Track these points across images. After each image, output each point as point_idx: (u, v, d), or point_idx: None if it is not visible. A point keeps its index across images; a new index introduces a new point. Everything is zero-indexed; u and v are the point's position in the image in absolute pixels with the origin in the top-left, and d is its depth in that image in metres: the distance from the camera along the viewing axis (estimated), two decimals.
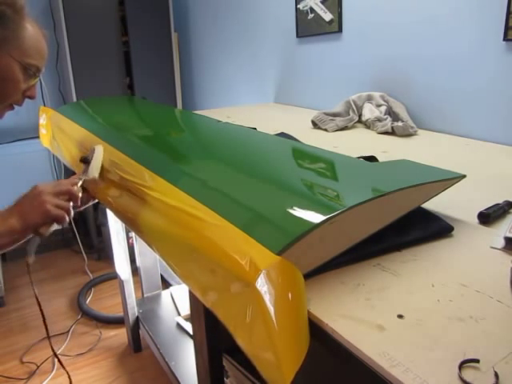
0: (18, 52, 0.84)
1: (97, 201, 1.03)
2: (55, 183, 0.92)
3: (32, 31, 0.87)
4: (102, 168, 0.99)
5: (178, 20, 3.00)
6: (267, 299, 0.50)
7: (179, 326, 1.78)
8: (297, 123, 1.65)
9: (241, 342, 0.51)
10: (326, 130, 1.49)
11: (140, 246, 1.90)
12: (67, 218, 0.87)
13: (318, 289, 0.58)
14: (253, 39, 2.33)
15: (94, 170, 0.97)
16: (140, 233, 0.80)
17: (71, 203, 0.90)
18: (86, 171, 0.97)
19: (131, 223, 0.84)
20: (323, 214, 0.58)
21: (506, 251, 0.66)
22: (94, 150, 1.02)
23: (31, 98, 0.92)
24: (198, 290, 0.60)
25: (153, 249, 0.75)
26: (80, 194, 0.93)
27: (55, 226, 0.87)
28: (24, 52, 0.85)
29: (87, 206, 1.02)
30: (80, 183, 0.95)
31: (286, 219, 0.61)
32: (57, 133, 1.38)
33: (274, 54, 2.19)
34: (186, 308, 1.85)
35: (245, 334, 0.51)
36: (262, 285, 0.50)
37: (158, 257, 2.07)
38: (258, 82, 2.37)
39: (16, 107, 0.94)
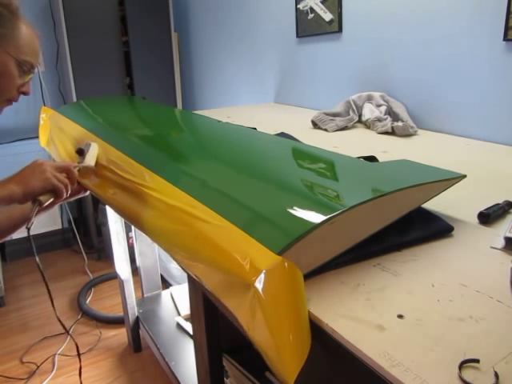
0: (14, 49, 0.89)
1: (87, 194, 1.08)
2: (54, 161, 0.96)
3: (26, 30, 0.92)
4: (99, 165, 1.01)
5: (177, 20, 3.00)
6: (267, 299, 0.50)
7: (179, 325, 1.79)
8: (297, 123, 1.65)
9: (251, 338, 0.51)
10: (326, 129, 1.49)
11: (140, 246, 1.90)
12: (65, 193, 0.91)
13: (318, 289, 0.58)
14: (253, 39, 2.33)
15: (90, 159, 1.02)
16: (142, 230, 0.80)
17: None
18: (82, 161, 1.02)
19: (132, 221, 0.84)
20: (323, 214, 0.58)
21: (506, 251, 0.66)
22: (89, 143, 1.06)
23: (26, 94, 0.97)
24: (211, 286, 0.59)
25: (160, 245, 0.75)
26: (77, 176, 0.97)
27: (51, 199, 0.90)
28: (20, 49, 0.90)
29: (77, 197, 1.07)
30: (77, 169, 0.98)
31: (286, 219, 0.61)
32: (56, 133, 1.37)
33: (274, 53, 2.19)
34: (186, 308, 1.85)
35: (251, 332, 0.51)
36: (262, 285, 0.50)
37: (157, 257, 2.07)
38: (258, 82, 2.37)
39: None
